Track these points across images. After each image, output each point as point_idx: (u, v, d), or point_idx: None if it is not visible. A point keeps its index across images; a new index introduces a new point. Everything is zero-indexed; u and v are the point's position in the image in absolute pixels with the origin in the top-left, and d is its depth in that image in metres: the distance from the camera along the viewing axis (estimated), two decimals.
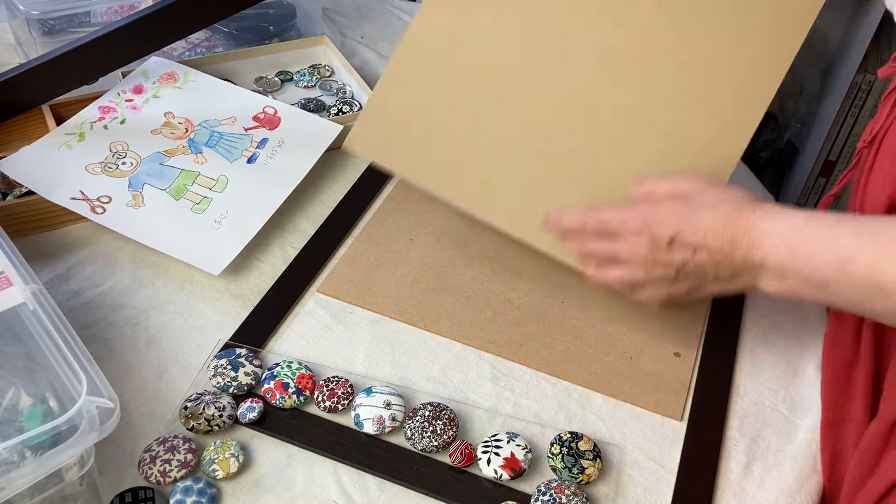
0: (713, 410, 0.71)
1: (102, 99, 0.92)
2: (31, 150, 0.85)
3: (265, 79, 1.04)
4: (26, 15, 0.96)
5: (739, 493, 0.65)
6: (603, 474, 0.65)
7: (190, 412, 0.65)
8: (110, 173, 0.84)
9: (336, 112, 0.98)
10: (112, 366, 0.70)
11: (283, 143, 0.89)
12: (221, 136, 0.89)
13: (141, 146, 0.87)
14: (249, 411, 0.66)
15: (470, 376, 0.72)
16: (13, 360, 0.60)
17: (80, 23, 1.01)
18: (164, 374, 0.70)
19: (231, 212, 0.81)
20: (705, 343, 0.77)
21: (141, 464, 0.62)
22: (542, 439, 0.68)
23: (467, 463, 0.65)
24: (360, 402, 0.67)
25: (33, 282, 0.61)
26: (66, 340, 0.57)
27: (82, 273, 0.78)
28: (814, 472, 0.67)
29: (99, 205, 0.80)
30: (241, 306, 0.76)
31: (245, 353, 0.71)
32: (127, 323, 0.74)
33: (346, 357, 0.73)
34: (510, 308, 0.79)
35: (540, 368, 0.74)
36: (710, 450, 0.68)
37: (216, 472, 0.62)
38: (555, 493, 0.62)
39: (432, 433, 0.65)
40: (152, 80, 0.95)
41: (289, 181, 0.85)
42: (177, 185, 0.83)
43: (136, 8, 1.00)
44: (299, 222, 0.86)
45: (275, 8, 1.13)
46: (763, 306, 0.80)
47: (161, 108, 0.92)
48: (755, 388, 0.73)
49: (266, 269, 0.80)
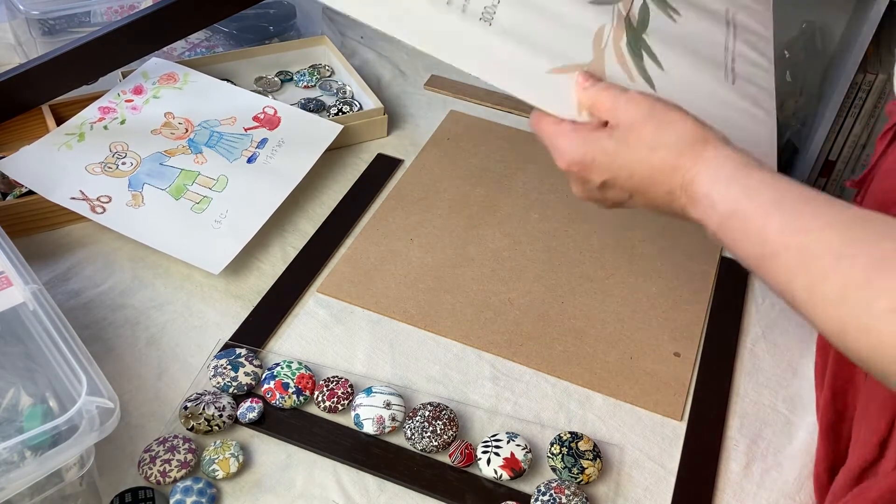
0: (713, 410, 0.71)
1: (102, 99, 0.92)
2: (31, 150, 0.85)
3: (265, 79, 1.04)
4: (26, 15, 0.96)
5: (739, 493, 0.65)
6: (603, 474, 0.65)
7: (190, 412, 0.65)
8: (110, 173, 0.84)
9: (336, 112, 0.98)
10: (112, 366, 0.70)
11: (283, 143, 0.89)
12: (221, 136, 0.89)
13: (141, 146, 0.87)
14: (249, 411, 0.66)
15: (470, 376, 0.72)
16: (13, 360, 0.60)
17: (80, 23, 1.01)
18: (164, 374, 0.70)
19: (231, 211, 0.81)
20: (705, 343, 0.77)
21: (141, 464, 0.62)
22: (542, 439, 0.68)
23: (467, 463, 0.65)
24: (360, 402, 0.67)
25: (33, 282, 0.61)
26: (66, 340, 0.57)
27: (82, 273, 0.78)
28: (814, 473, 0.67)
29: (99, 204, 0.80)
30: (241, 306, 0.76)
31: (245, 353, 0.71)
32: (127, 323, 0.74)
33: (346, 357, 0.73)
34: (510, 308, 0.79)
35: (540, 368, 0.74)
36: (710, 450, 0.68)
37: (216, 472, 0.62)
38: (555, 493, 0.62)
39: (432, 433, 0.65)
40: (152, 80, 0.95)
41: (289, 181, 0.85)
42: (177, 185, 0.83)
43: (136, 8, 1.00)
44: (299, 222, 0.86)
45: (275, 8, 1.13)
46: (763, 306, 0.80)
47: (161, 108, 0.92)
48: (755, 388, 0.73)
49: (266, 269, 0.80)
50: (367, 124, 0.96)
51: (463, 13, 0.60)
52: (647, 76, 0.63)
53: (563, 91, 0.60)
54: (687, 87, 0.64)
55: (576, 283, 0.82)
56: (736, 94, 0.65)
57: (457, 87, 1.07)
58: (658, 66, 0.64)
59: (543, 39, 0.61)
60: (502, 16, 0.61)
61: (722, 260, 0.84)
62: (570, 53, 0.61)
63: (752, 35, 0.71)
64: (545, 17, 0.62)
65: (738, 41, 0.69)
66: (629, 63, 0.63)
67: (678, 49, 0.66)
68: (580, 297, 0.80)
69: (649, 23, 0.66)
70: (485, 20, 0.60)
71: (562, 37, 0.62)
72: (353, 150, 0.96)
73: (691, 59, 0.66)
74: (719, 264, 0.84)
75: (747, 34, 0.70)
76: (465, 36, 0.59)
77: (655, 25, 0.66)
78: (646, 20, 0.66)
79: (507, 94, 0.60)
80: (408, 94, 1.06)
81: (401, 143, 0.98)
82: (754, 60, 0.69)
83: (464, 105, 1.05)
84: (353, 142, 0.97)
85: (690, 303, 0.80)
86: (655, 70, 0.64)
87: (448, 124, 1.02)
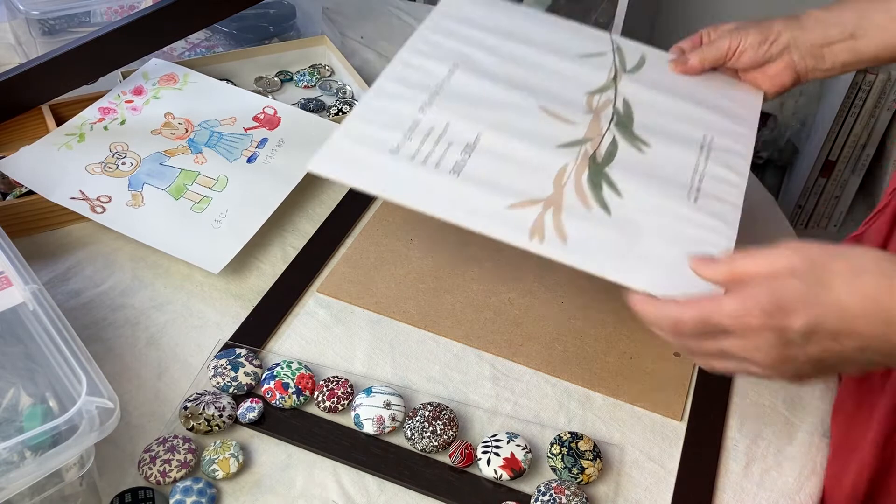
0: (713, 410, 0.71)
1: (102, 100, 0.92)
2: (31, 150, 0.85)
3: (265, 79, 1.04)
4: (26, 15, 0.96)
5: (739, 493, 0.65)
6: (603, 474, 0.65)
7: (190, 412, 0.65)
8: (110, 173, 0.84)
9: (336, 112, 0.98)
10: (112, 366, 0.70)
11: (282, 143, 0.89)
12: (221, 136, 0.89)
13: (141, 146, 0.87)
14: (249, 411, 0.66)
15: (470, 376, 0.72)
16: (13, 360, 0.60)
17: (80, 23, 1.01)
18: (164, 374, 0.70)
19: (231, 211, 0.81)
20: None
21: (141, 464, 0.62)
22: (542, 439, 0.68)
23: (467, 463, 0.65)
24: (360, 402, 0.67)
25: (33, 282, 0.61)
26: (66, 340, 0.57)
27: (82, 273, 0.78)
28: (813, 474, 0.67)
29: (99, 204, 0.80)
30: (241, 306, 0.76)
31: (245, 353, 0.71)
32: (127, 323, 0.74)
33: (345, 357, 0.73)
34: (510, 308, 0.79)
35: (540, 368, 0.74)
36: (710, 450, 0.68)
37: (216, 472, 0.62)
38: (555, 493, 0.62)
39: (432, 433, 0.65)
40: (152, 81, 0.95)
41: (289, 181, 0.85)
42: (177, 185, 0.83)
43: (136, 8, 1.00)
44: (299, 222, 0.86)
45: (275, 8, 1.13)
46: None
47: (161, 108, 0.92)
48: (755, 388, 0.73)
49: (266, 269, 0.80)
50: None
51: (436, 168, 0.67)
52: (603, 204, 0.68)
53: (519, 224, 0.65)
54: (643, 209, 0.67)
55: (576, 282, 0.81)
56: (697, 211, 0.68)
57: None
58: (617, 193, 0.69)
59: (507, 181, 0.68)
60: (471, 167, 0.68)
61: None
62: (530, 191, 0.67)
63: (729, 154, 0.74)
64: (511, 163, 0.69)
65: (711, 162, 0.72)
66: (587, 193, 0.68)
67: (640, 176, 0.70)
68: (580, 296, 0.80)
69: (615, 157, 0.71)
70: (454, 172, 0.67)
71: (525, 178, 0.68)
72: None
73: (652, 183, 0.70)
74: None
75: (723, 154, 0.73)
76: (434, 185, 0.66)
77: (621, 158, 0.71)
78: (612, 155, 0.72)
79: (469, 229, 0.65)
80: None
81: None
82: (724, 177, 0.71)
83: None
84: None
85: None
86: (613, 198, 0.68)
87: None
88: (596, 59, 0.81)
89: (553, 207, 0.66)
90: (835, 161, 1.33)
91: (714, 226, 0.67)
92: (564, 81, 0.78)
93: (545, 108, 0.75)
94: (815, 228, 1.44)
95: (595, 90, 0.77)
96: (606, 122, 0.74)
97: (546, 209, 0.66)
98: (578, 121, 0.74)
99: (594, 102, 0.76)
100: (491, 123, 0.72)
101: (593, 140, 0.72)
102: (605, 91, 0.77)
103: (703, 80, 0.81)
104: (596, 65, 0.81)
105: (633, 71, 0.81)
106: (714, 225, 0.67)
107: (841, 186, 1.37)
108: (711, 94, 0.79)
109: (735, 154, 0.74)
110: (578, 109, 0.75)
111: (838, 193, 1.38)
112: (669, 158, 0.72)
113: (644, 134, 0.74)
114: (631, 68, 0.81)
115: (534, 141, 0.71)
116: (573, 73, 0.79)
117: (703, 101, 0.78)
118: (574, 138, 0.72)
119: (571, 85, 0.78)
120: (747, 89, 0.81)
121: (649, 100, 0.77)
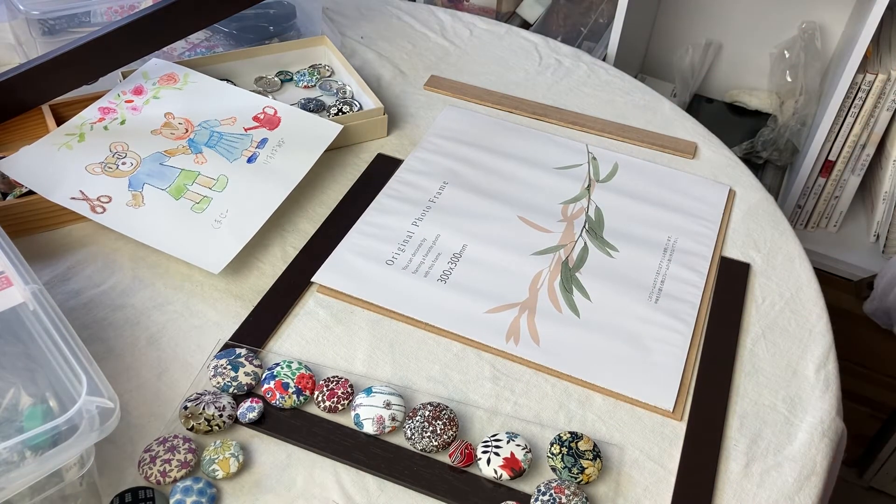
0: (713, 410, 0.71)
1: (102, 100, 0.92)
2: (31, 150, 0.85)
3: (265, 79, 1.04)
4: (26, 15, 0.96)
5: (739, 493, 0.65)
6: (603, 474, 0.65)
7: (190, 412, 0.65)
8: (110, 173, 0.84)
9: (336, 112, 0.98)
10: (112, 366, 0.70)
11: (283, 143, 0.89)
12: (221, 136, 0.89)
13: (141, 146, 0.87)
14: (249, 411, 0.66)
15: (470, 376, 0.72)
16: (13, 360, 0.60)
17: (80, 23, 1.01)
18: (164, 374, 0.70)
19: (231, 211, 0.81)
20: (705, 343, 0.77)
21: (141, 464, 0.62)
22: (542, 439, 0.68)
23: (467, 463, 0.65)
24: (360, 402, 0.67)
25: (33, 282, 0.61)
26: (66, 340, 0.57)
27: (82, 273, 0.78)
28: (813, 474, 0.67)
29: (99, 204, 0.80)
30: (241, 306, 0.76)
31: (245, 353, 0.71)
32: (127, 323, 0.74)
33: (346, 357, 0.73)
34: None
35: (540, 368, 0.74)
36: (710, 450, 0.68)
37: (216, 472, 0.62)
38: (555, 493, 0.62)
39: (432, 433, 0.65)
40: (152, 81, 0.95)
41: (289, 181, 0.85)
42: (177, 185, 0.83)
43: (136, 8, 1.00)
44: (299, 222, 0.86)
45: (275, 8, 1.13)
46: (763, 306, 0.80)
47: (161, 108, 0.92)
48: (755, 387, 0.73)
49: (266, 269, 0.80)
50: (367, 124, 0.96)
51: (425, 277, 0.78)
52: (574, 308, 0.77)
53: (497, 327, 0.74)
54: (609, 312, 0.77)
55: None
56: (657, 311, 0.77)
57: (456, 87, 1.07)
58: (586, 297, 0.78)
59: (487, 287, 0.78)
60: (456, 275, 0.79)
61: (722, 260, 0.84)
62: (507, 295, 0.77)
63: (689, 255, 0.83)
64: (491, 271, 0.79)
65: (673, 264, 0.82)
66: (559, 298, 0.77)
67: (607, 280, 0.79)
68: (580, 296, 0.80)
69: (586, 262, 0.81)
70: (442, 280, 0.78)
71: (503, 284, 0.78)
72: (353, 150, 0.96)
73: (619, 287, 0.79)
74: (719, 264, 0.84)
75: (684, 256, 0.83)
76: (423, 295, 0.77)
77: (591, 263, 0.81)
78: (583, 259, 0.81)
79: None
80: (407, 94, 1.06)
81: (401, 143, 0.98)
82: (685, 278, 0.81)
83: (463, 105, 1.05)
84: (353, 142, 0.97)
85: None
86: (583, 301, 0.77)
87: None
88: (572, 170, 0.92)
89: (528, 311, 0.76)
90: (834, 161, 1.33)
91: (671, 324, 0.76)
92: (542, 193, 0.89)
93: (524, 217, 0.85)
94: (815, 228, 1.44)
95: (570, 199, 0.88)
96: (579, 229, 0.84)
97: (521, 313, 0.75)
98: (553, 229, 0.84)
99: (569, 211, 0.86)
100: (475, 234, 0.83)
101: (566, 246, 0.82)
102: (580, 200, 0.88)
103: (670, 183, 0.92)
104: (572, 175, 0.91)
105: (606, 180, 0.91)
106: (671, 324, 0.76)
107: (841, 186, 1.36)
108: (678, 196, 0.90)
109: (695, 255, 0.83)
110: (554, 218, 0.85)
111: (838, 193, 1.38)
112: (634, 262, 0.82)
113: (613, 239, 0.84)
114: (604, 178, 0.91)
115: (513, 249, 0.81)
116: (550, 185, 0.90)
117: (668, 204, 0.89)
118: (549, 245, 0.82)
119: (548, 195, 0.89)
120: (711, 186, 0.91)
121: (619, 206, 0.88)
